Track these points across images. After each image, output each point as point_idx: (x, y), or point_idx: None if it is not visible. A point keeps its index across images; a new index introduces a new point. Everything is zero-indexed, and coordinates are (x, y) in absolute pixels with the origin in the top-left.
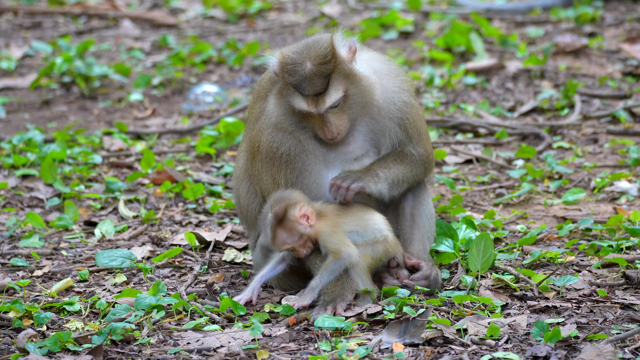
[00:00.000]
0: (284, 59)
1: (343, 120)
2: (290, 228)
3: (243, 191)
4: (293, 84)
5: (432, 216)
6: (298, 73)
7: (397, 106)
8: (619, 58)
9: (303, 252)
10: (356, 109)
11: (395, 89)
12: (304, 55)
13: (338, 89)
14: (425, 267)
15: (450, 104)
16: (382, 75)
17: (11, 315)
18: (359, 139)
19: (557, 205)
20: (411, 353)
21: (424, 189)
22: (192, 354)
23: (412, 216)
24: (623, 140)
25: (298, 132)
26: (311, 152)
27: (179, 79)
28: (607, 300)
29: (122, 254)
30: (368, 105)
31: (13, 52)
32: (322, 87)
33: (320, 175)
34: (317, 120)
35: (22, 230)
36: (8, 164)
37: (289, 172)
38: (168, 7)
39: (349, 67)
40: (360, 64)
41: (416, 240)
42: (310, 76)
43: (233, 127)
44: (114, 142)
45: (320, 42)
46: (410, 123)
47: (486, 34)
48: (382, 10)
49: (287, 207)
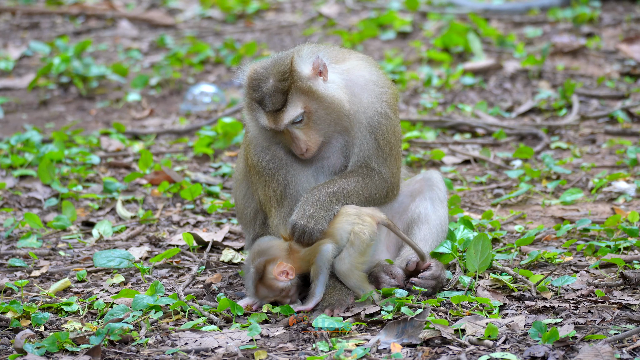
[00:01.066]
0: (251, 74)
1: (312, 136)
2: (270, 285)
3: (240, 194)
4: (256, 100)
5: (444, 217)
6: (260, 89)
7: (368, 114)
8: (617, 58)
9: (286, 301)
10: (324, 124)
11: (371, 99)
12: (269, 71)
13: (296, 105)
14: (435, 267)
15: (448, 104)
16: (358, 87)
17: (9, 316)
18: (336, 152)
19: (555, 206)
20: (409, 353)
21: (439, 190)
22: (189, 355)
23: (425, 217)
24: (621, 141)
25: (273, 147)
26: (291, 166)
27: (177, 79)
28: (604, 300)
29: (119, 255)
30: (338, 119)
31: (11, 53)
32: (280, 104)
33: (308, 187)
34: (287, 136)
35: (19, 230)
36: (6, 164)
37: (276, 185)
38: (166, 7)
39: (308, 84)
40: (334, 77)
41: (425, 240)
42: (270, 92)
43: (231, 127)
44: (111, 142)
45: (284, 58)
46: (382, 134)
47: (484, 34)
48: (380, 11)
49: (266, 264)
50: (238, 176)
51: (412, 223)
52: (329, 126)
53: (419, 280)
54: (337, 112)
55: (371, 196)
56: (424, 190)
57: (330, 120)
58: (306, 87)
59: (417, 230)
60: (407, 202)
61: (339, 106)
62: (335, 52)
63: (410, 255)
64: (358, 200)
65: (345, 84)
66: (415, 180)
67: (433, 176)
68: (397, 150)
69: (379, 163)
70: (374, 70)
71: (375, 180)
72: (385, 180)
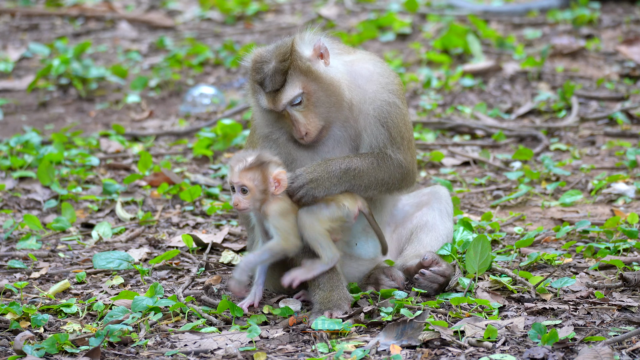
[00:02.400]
0: (255, 57)
1: (311, 119)
2: (265, 176)
3: None
4: (258, 81)
5: (451, 230)
6: (262, 71)
7: (375, 104)
8: (616, 60)
9: (243, 203)
10: (324, 107)
11: (377, 89)
12: (272, 53)
13: (295, 85)
14: (445, 266)
15: (448, 105)
16: (362, 78)
17: (8, 317)
18: (342, 144)
19: (554, 207)
20: (408, 355)
21: (447, 204)
22: (189, 356)
23: (433, 225)
24: (620, 142)
25: (276, 134)
26: (294, 155)
27: (176, 80)
28: (604, 302)
29: (119, 256)
30: (338, 105)
31: (10, 54)
32: (279, 84)
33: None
34: (288, 120)
35: (19, 232)
36: (5, 166)
37: None
38: (165, 9)
39: (307, 64)
40: (336, 63)
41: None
42: (271, 73)
43: (230, 129)
44: (111, 144)
45: (287, 41)
46: (392, 123)
47: (483, 35)
48: (380, 12)
49: (272, 162)
50: None
51: (417, 229)
52: (329, 111)
53: (429, 272)
54: (336, 96)
55: (384, 180)
56: (432, 202)
57: (330, 104)
58: (305, 67)
59: (424, 235)
60: (412, 211)
61: (338, 90)
62: (341, 45)
63: (425, 254)
64: (369, 182)
65: (347, 72)
66: (422, 193)
67: (441, 191)
68: (410, 138)
69: (393, 150)
70: (379, 63)
71: (389, 164)
72: (400, 166)
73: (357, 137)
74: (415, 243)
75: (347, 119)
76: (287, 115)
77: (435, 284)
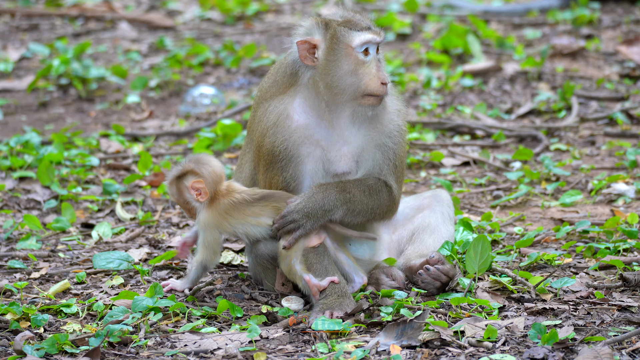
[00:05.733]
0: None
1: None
2: (179, 189)
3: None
4: (364, 26)
5: (452, 233)
6: (367, 18)
7: (391, 128)
8: (616, 60)
9: (188, 214)
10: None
11: (395, 110)
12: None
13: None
14: (449, 266)
15: (448, 106)
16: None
17: (8, 318)
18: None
19: (554, 208)
20: (408, 355)
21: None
22: (189, 356)
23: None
24: (620, 142)
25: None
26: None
27: (176, 81)
28: (604, 302)
29: (119, 256)
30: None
31: (10, 54)
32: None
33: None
34: (369, 68)
35: (19, 232)
36: (5, 166)
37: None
38: (165, 9)
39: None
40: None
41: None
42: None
43: (230, 129)
44: (111, 144)
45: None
46: (397, 153)
47: (483, 36)
48: (380, 12)
49: (189, 171)
50: (245, 182)
51: (419, 230)
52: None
53: (433, 269)
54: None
55: (373, 209)
56: (434, 205)
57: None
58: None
59: (427, 237)
60: (413, 213)
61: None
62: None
63: (432, 253)
64: (360, 209)
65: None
66: (423, 196)
67: (443, 194)
68: (404, 167)
69: (389, 177)
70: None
71: (382, 193)
72: (390, 195)
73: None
74: (417, 243)
75: (375, 124)
76: (370, 64)
77: (438, 282)
